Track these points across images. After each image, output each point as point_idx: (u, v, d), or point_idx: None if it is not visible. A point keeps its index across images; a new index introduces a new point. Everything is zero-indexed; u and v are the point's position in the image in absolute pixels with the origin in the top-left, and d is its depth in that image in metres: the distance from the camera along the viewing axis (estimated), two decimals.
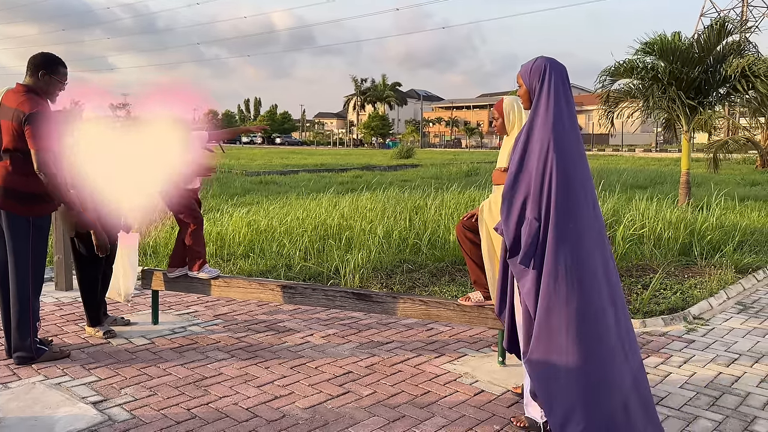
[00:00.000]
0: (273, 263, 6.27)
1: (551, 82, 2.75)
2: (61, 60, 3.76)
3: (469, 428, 3.00)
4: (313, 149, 58.22)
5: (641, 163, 26.76)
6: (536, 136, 2.73)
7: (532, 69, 2.82)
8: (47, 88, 3.68)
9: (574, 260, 2.65)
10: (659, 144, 51.57)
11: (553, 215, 2.66)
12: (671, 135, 11.98)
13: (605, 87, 10.97)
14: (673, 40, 9.94)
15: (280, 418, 3.09)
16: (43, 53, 3.75)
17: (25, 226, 3.65)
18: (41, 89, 3.66)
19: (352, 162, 28.55)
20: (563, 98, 2.75)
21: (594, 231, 2.72)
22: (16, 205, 3.62)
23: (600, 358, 2.65)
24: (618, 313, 2.73)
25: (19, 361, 3.70)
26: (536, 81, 2.80)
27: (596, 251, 2.71)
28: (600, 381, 2.63)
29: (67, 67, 3.80)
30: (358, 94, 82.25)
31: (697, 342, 4.33)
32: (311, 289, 4.16)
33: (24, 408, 3.14)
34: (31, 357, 3.72)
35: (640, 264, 6.38)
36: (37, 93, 3.64)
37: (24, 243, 3.66)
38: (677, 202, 10.13)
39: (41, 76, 3.65)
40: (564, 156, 2.68)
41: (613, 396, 2.64)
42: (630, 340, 2.75)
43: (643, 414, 2.69)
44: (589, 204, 2.73)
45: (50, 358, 3.79)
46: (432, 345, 4.20)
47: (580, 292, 2.64)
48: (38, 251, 3.72)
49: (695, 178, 14.15)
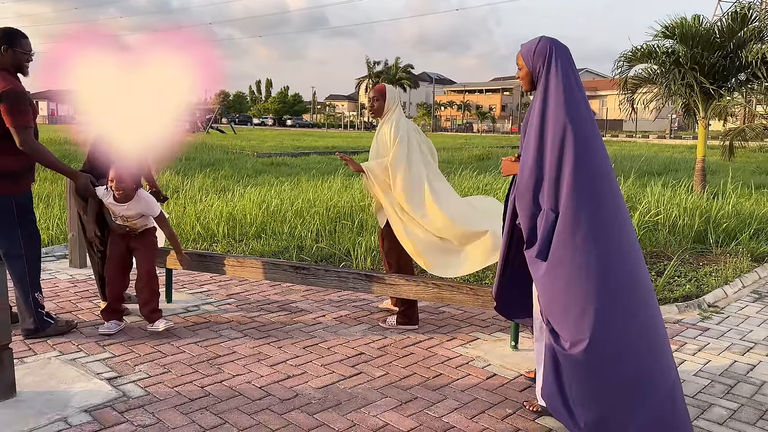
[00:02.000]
0: (285, 244, 6.27)
1: (559, 65, 2.61)
2: (21, 32, 3.71)
3: (481, 411, 3.00)
4: (324, 131, 58.13)
5: (655, 150, 26.49)
6: (551, 121, 2.59)
7: (536, 50, 2.67)
8: (13, 62, 3.65)
9: (603, 253, 2.51)
10: (673, 131, 51.01)
11: (573, 205, 2.52)
12: (688, 122, 11.80)
13: (623, 73, 10.81)
14: (693, 24, 9.77)
15: (292, 397, 3.10)
16: (3, 28, 3.69)
17: (8, 205, 3.66)
18: (8, 64, 3.63)
19: (363, 145, 28.45)
20: (574, 81, 2.61)
21: (618, 221, 2.57)
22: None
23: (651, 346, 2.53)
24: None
25: (26, 334, 3.75)
26: (541, 63, 2.66)
27: (626, 244, 2.57)
28: (651, 370, 2.51)
29: (28, 38, 3.73)
30: (370, 76, 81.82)
31: (712, 330, 4.29)
32: (324, 270, 4.16)
33: (40, 383, 3.17)
34: (36, 329, 3.77)
35: (655, 251, 6.32)
36: (6, 70, 3.62)
37: (11, 221, 3.67)
38: (692, 189, 10.02)
39: (5, 50, 3.62)
40: (581, 142, 2.53)
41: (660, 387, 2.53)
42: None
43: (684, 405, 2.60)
44: (612, 192, 2.58)
45: (56, 331, 3.83)
46: (444, 328, 4.20)
47: (606, 272, 2.50)
48: (26, 227, 3.73)
49: (710, 166, 13.98)
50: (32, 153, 3.58)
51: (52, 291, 4.83)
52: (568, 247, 2.55)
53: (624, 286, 2.53)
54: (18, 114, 3.52)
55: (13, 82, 3.59)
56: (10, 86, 3.53)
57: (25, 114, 3.55)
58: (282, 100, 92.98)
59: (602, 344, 2.49)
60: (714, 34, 9.90)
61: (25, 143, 3.55)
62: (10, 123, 3.52)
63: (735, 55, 9.85)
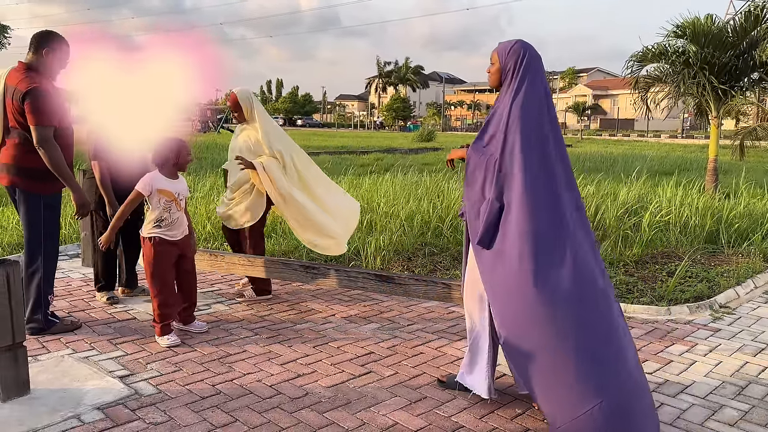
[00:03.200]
0: (295, 243, 6.29)
1: (529, 66, 2.77)
2: (63, 37, 3.78)
3: (490, 411, 3.00)
4: (334, 131, 58.19)
5: (667, 149, 26.32)
6: (509, 118, 2.72)
7: (511, 50, 2.82)
8: (49, 65, 3.71)
9: (545, 244, 2.63)
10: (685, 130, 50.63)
11: (520, 196, 2.64)
12: (699, 121, 11.72)
13: (634, 73, 10.76)
14: (705, 23, 9.70)
15: (303, 395, 3.12)
16: (46, 31, 3.76)
17: (36, 203, 3.72)
18: (42, 66, 3.69)
19: (373, 144, 28.48)
20: (540, 84, 2.76)
21: (569, 213, 2.68)
22: (27, 182, 3.70)
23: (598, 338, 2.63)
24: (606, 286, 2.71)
25: (31, 332, 3.79)
26: (512, 62, 2.80)
27: (579, 232, 2.68)
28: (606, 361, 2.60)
29: (69, 44, 3.80)
30: (380, 76, 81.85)
31: (723, 331, 4.27)
32: (334, 270, 4.17)
33: (53, 380, 3.21)
34: (41, 328, 3.83)
35: (666, 251, 6.29)
36: (37, 70, 3.67)
37: (36, 220, 3.73)
38: (704, 189, 9.95)
39: (45, 53, 3.68)
40: (533, 140, 2.67)
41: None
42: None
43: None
44: (556, 193, 2.68)
45: (61, 330, 3.89)
46: (453, 328, 4.20)
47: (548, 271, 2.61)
48: (50, 228, 3.78)
49: (723, 166, 13.87)
50: (45, 153, 3.61)
51: (65, 290, 4.88)
52: (506, 239, 2.68)
53: (564, 290, 2.61)
54: (38, 113, 3.56)
55: (41, 81, 3.63)
56: (35, 84, 3.58)
57: (45, 113, 3.58)
58: (292, 100, 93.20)
59: (524, 336, 2.67)
60: (726, 34, 9.82)
61: (41, 141, 3.59)
62: (31, 120, 3.57)
63: (748, 55, 9.77)
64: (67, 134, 3.79)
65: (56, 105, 3.64)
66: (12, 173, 3.71)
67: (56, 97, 3.66)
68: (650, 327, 4.30)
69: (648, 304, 4.74)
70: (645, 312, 4.60)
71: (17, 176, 3.70)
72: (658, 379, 3.42)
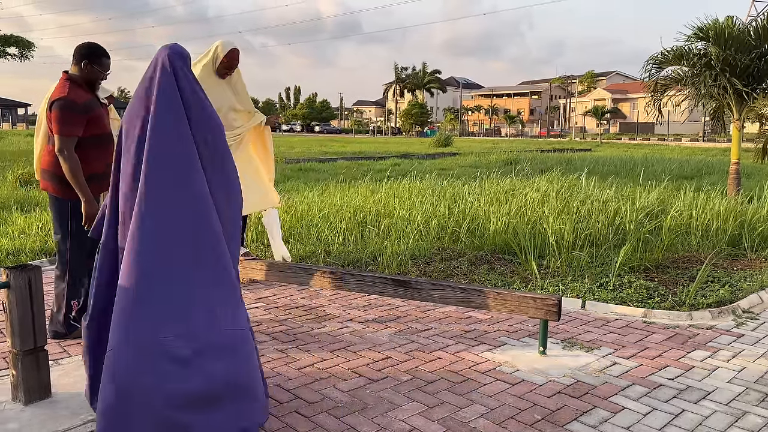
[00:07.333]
0: (312, 249, 6.31)
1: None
2: (104, 51, 3.84)
3: (509, 417, 2.98)
4: (352, 137, 58.38)
5: (687, 153, 26.01)
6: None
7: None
8: (88, 77, 3.78)
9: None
10: (706, 133, 49.98)
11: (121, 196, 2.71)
12: (720, 125, 11.55)
13: (652, 76, 10.65)
14: (727, 25, 9.58)
15: (320, 400, 3.12)
16: (88, 44, 3.83)
17: (64, 209, 3.79)
18: (82, 78, 3.76)
19: (390, 150, 28.51)
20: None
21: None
22: (56, 188, 3.78)
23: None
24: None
25: (52, 336, 3.85)
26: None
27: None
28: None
29: (110, 57, 3.87)
30: (398, 82, 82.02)
31: (747, 336, 4.19)
32: (350, 275, 4.17)
33: (74, 384, 3.25)
34: (64, 333, 3.90)
35: (687, 255, 6.20)
36: (76, 82, 3.74)
37: (64, 225, 3.80)
38: (726, 193, 9.80)
39: (84, 66, 3.75)
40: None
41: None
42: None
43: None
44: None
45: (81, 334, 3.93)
46: (471, 333, 4.18)
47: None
48: (76, 234, 3.83)
49: (744, 169, 13.65)
50: (62, 161, 3.65)
51: None
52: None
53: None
54: (60, 122, 3.62)
55: (73, 92, 3.68)
56: (63, 95, 3.64)
57: (66, 124, 3.62)
58: (310, 107, 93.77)
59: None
60: (748, 35, 9.69)
61: (59, 150, 3.65)
62: (55, 130, 3.64)
63: None
64: (103, 140, 3.84)
65: (80, 116, 3.68)
66: (45, 178, 3.83)
67: (84, 108, 3.70)
68: (671, 332, 4.24)
69: (669, 309, 4.67)
70: (666, 317, 4.54)
71: (50, 181, 3.81)
72: (679, 386, 3.37)
